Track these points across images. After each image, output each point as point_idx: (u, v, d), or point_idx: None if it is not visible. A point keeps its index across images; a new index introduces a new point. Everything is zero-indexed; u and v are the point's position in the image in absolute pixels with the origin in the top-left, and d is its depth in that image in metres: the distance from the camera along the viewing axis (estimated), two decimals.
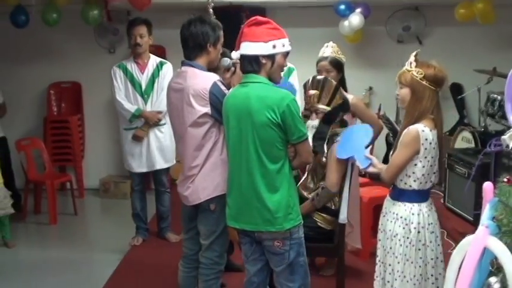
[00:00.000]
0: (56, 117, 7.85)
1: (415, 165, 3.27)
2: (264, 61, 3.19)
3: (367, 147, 3.59)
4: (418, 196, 3.34)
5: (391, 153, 3.41)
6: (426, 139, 3.22)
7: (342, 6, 6.82)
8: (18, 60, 7.81)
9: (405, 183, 3.33)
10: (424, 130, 3.22)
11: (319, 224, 3.94)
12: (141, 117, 5.54)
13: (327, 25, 7.17)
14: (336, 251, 3.98)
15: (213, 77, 3.57)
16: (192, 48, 3.64)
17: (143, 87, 5.59)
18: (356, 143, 3.62)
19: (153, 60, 5.68)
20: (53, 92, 7.91)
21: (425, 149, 3.23)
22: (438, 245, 3.37)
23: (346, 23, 6.86)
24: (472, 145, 5.96)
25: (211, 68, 3.77)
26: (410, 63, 3.31)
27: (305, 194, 4.03)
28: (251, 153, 3.18)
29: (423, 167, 3.26)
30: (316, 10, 7.37)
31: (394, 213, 3.38)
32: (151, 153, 5.58)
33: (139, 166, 5.66)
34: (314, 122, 3.94)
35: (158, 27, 6.10)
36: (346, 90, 4.58)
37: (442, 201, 5.76)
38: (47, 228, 6.61)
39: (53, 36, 7.60)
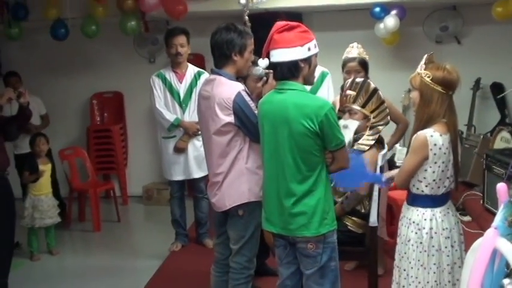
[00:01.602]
0: (99, 126, 8.04)
1: (425, 170, 3.23)
2: (302, 65, 3.18)
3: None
4: (431, 201, 3.30)
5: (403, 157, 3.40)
6: (435, 144, 3.17)
7: (377, 9, 6.79)
8: (61, 72, 8.06)
9: (417, 188, 3.30)
10: (432, 135, 3.17)
11: (349, 227, 3.95)
12: (180, 127, 5.62)
13: (363, 28, 7.13)
14: (368, 254, 3.96)
15: (238, 87, 3.60)
16: (218, 57, 3.69)
17: (181, 96, 5.66)
18: (355, 172, 3.49)
19: (191, 69, 5.75)
20: (95, 102, 8.13)
21: (435, 154, 3.18)
22: (456, 250, 3.31)
23: (381, 25, 6.82)
24: (511, 145, 5.84)
25: (241, 76, 3.82)
26: (421, 66, 3.27)
27: (335, 197, 4.04)
28: (288, 160, 3.18)
29: (433, 172, 3.22)
30: (352, 13, 7.36)
31: (407, 218, 3.37)
32: (189, 162, 5.66)
33: (177, 174, 5.75)
34: (346, 122, 3.97)
35: (196, 35, 6.20)
36: None
37: (481, 202, 5.66)
38: (91, 235, 6.78)
39: (93, 47, 7.81)
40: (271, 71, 3.50)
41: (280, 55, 3.17)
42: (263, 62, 3.54)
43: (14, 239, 5.00)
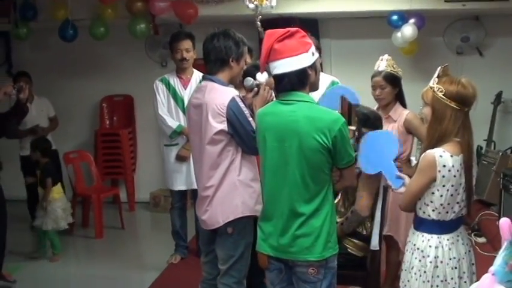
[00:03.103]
0: (107, 130, 7.90)
1: (433, 193, 2.96)
2: (310, 72, 2.96)
3: (395, 160, 3.35)
4: (438, 227, 3.02)
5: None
6: (444, 165, 2.90)
7: (395, 17, 6.55)
8: (71, 74, 7.92)
9: (424, 212, 3.03)
10: (442, 155, 2.90)
11: (349, 250, 3.67)
12: (183, 134, 5.41)
13: (380, 37, 6.93)
14: (369, 279, 3.71)
15: (232, 92, 3.40)
16: (213, 63, 3.49)
17: (185, 103, 5.42)
18: (382, 154, 3.36)
19: (196, 75, 5.53)
20: (105, 105, 7.99)
21: (443, 176, 2.91)
22: (465, 282, 3.02)
23: (399, 34, 6.58)
24: None
25: (234, 84, 3.61)
26: (434, 79, 3.01)
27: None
28: (296, 178, 2.93)
29: (441, 196, 2.95)
30: (369, 21, 7.13)
31: (412, 243, 3.10)
32: (191, 171, 5.36)
33: (179, 184, 5.56)
34: None
35: None
36: (404, 106, 4.38)
37: (497, 223, 5.38)
38: (93, 243, 6.60)
39: (104, 50, 7.67)
40: (262, 82, 3.29)
41: (286, 65, 2.92)
42: (262, 76, 3.33)
43: (5, 240, 4.97)
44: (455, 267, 3.01)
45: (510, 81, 6.88)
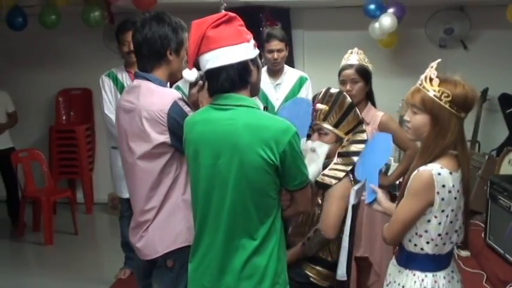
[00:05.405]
0: (63, 126, 7.38)
1: (429, 221, 2.39)
2: (252, 68, 2.36)
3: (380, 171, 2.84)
4: (432, 263, 2.46)
5: (396, 201, 2.57)
6: (443, 186, 2.34)
7: (372, 6, 6.00)
8: (23, 66, 7.42)
9: (415, 245, 2.46)
10: (440, 173, 2.33)
11: (312, 279, 3.10)
12: None
13: (357, 28, 6.45)
14: None
15: (173, 95, 2.75)
16: (147, 58, 2.82)
17: None
18: (373, 160, 2.85)
19: None
20: (61, 99, 7.49)
21: (442, 199, 2.35)
22: None
23: (376, 25, 6.05)
24: None
25: (174, 81, 2.99)
26: (431, 80, 2.39)
27: (291, 239, 3.20)
28: (234, 204, 2.33)
29: (439, 224, 2.38)
30: (345, 11, 6.66)
31: (399, 284, 2.53)
32: None
33: (127, 191, 4.97)
34: (314, 144, 3.12)
35: None
36: (374, 105, 3.91)
37: (482, 235, 4.89)
38: (42, 249, 6.10)
39: (58, 39, 7.21)
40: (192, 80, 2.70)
41: (223, 57, 2.30)
42: (191, 74, 2.70)
43: None
44: None
45: (496, 77, 6.42)
